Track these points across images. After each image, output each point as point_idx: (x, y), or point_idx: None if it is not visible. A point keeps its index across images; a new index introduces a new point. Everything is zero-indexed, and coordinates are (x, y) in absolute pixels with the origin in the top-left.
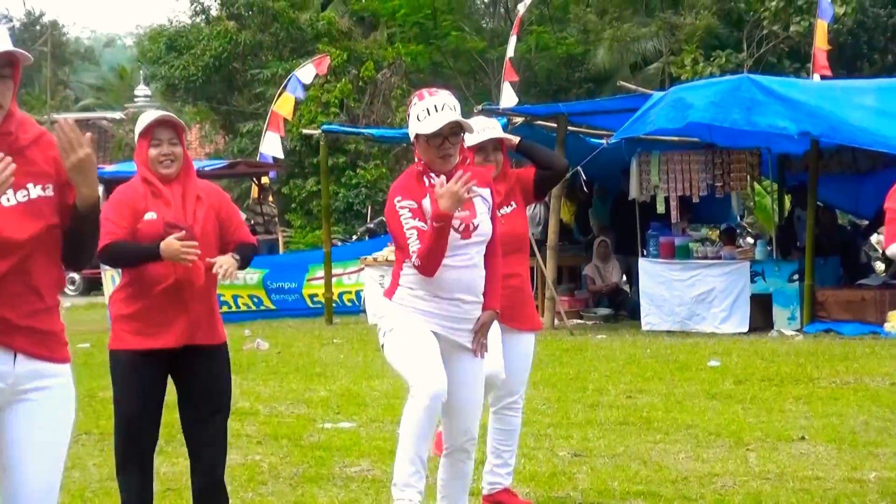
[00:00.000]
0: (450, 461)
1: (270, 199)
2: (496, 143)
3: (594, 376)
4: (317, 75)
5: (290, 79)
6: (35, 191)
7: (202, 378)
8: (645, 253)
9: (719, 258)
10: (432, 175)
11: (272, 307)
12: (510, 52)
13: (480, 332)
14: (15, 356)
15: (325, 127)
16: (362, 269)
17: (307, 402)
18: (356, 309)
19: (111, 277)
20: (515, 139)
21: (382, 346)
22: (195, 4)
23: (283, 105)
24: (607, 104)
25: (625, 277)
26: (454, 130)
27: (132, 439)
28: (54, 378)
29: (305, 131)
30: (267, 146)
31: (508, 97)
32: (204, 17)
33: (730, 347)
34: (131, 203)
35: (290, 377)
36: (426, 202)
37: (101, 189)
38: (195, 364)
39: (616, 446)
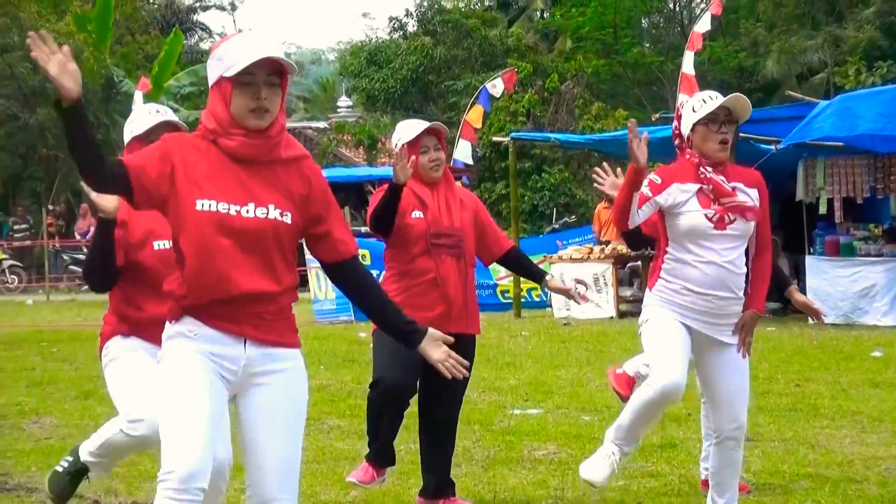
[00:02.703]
0: (719, 449)
1: None
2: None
3: (764, 366)
4: (504, 90)
5: (480, 91)
6: (274, 212)
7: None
8: (812, 251)
9: (882, 255)
10: (708, 168)
11: None
12: (685, 66)
13: (744, 331)
14: (245, 342)
15: (513, 134)
16: (543, 262)
17: (497, 389)
18: (543, 303)
19: (316, 275)
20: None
21: (640, 334)
22: (393, 22)
23: (474, 115)
24: (776, 112)
25: (793, 273)
26: (729, 119)
27: (395, 409)
28: (285, 361)
29: (495, 139)
30: (460, 153)
31: None
32: (401, 33)
33: (892, 339)
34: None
35: (482, 366)
36: (683, 187)
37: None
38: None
39: (785, 431)
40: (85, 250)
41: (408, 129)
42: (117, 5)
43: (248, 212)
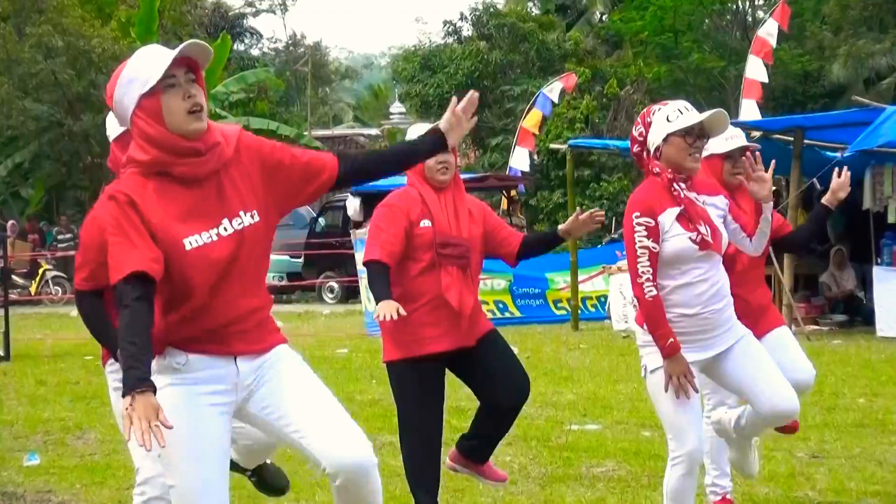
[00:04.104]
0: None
1: (519, 210)
2: (744, 152)
3: (830, 380)
4: (563, 91)
5: (538, 96)
6: (246, 218)
7: (492, 362)
8: (879, 261)
9: None
10: (682, 185)
11: (518, 314)
12: (749, 71)
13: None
14: (235, 359)
15: (571, 142)
16: (601, 273)
17: (555, 404)
18: (600, 315)
19: (366, 286)
20: (758, 146)
21: (644, 377)
22: (447, 26)
23: (532, 120)
24: (842, 117)
25: (860, 284)
26: (702, 133)
27: (424, 446)
28: (273, 355)
29: (552, 146)
30: (516, 160)
31: (749, 114)
32: (456, 37)
33: None
34: (406, 210)
35: (539, 381)
36: (665, 216)
37: (359, 202)
38: (476, 356)
39: (852, 448)
40: None
41: (415, 131)
42: (163, 9)
43: (225, 230)
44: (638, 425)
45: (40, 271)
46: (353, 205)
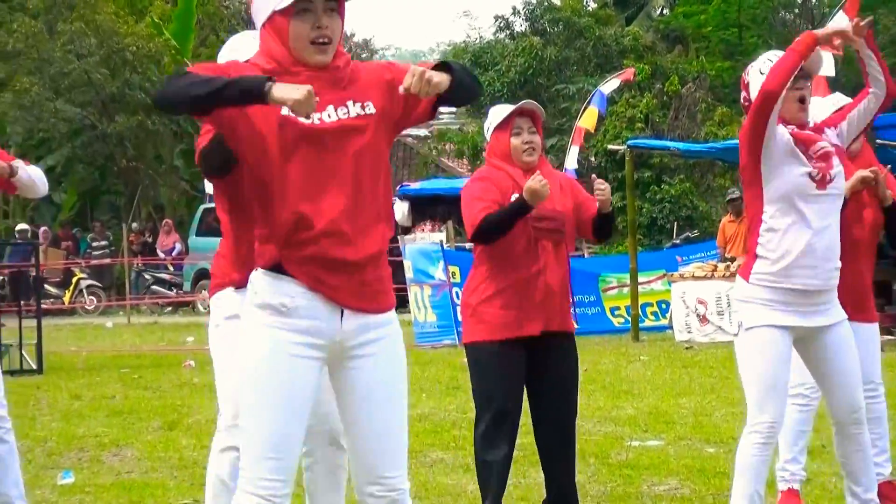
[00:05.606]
0: (842, 436)
1: None
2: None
3: None
4: (622, 83)
5: (594, 93)
6: (354, 109)
7: (558, 370)
8: None
9: None
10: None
11: (573, 324)
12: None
13: None
14: (342, 312)
15: (630, 142)
16: (662, 276)
17: (614, 419)
18: (663, 326)
19: (415, 295)
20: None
21: (736, 334)
22: (499, 20)
23: (587, 118)
24: None
25: None
26: (802, 74)
27: (508, 435)
28: (382, 328)
29: (610, 146)
30: (571, 161)
31: None
32: (508, 32)
33: None
34: (497, 182)
35: (597, 394)
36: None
37: (407, 206)
38: (552, 353)
39: None
40: (170, 268)
41: (498, 112)
42: (200, 3)
43: (329, 116)
44: (702, 441)
45: (74, 280)
46: (400, 209)
